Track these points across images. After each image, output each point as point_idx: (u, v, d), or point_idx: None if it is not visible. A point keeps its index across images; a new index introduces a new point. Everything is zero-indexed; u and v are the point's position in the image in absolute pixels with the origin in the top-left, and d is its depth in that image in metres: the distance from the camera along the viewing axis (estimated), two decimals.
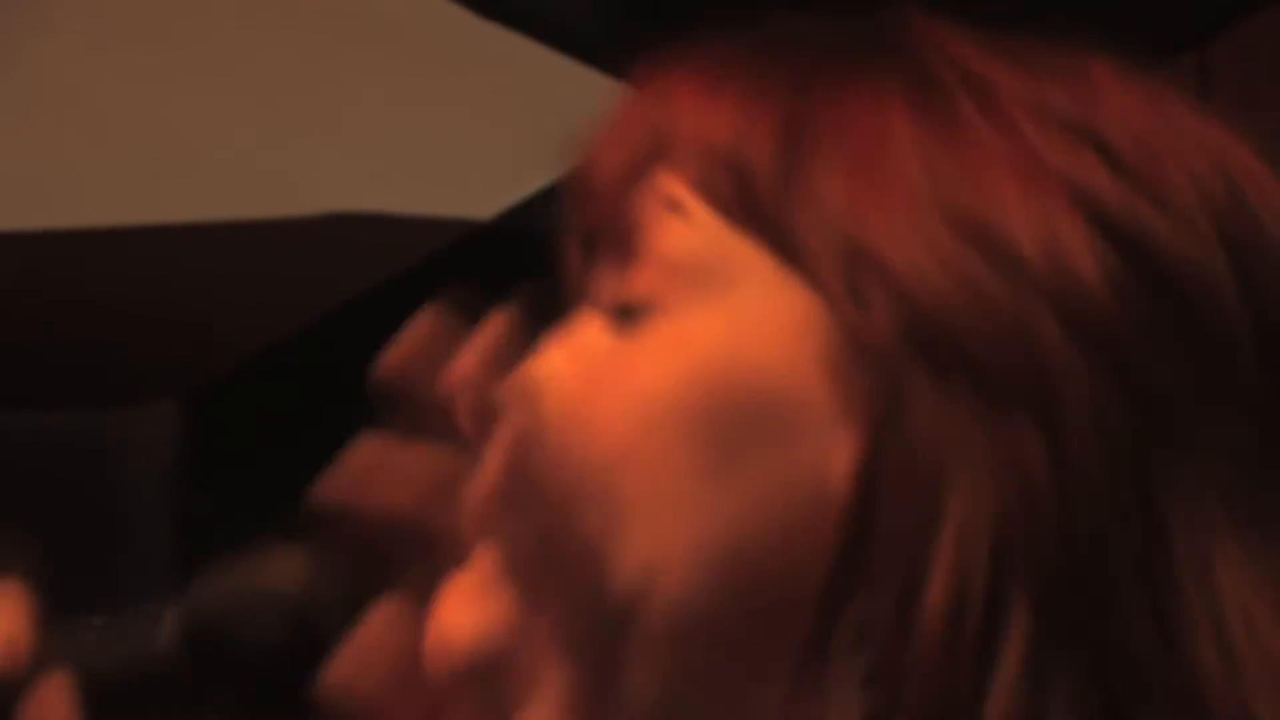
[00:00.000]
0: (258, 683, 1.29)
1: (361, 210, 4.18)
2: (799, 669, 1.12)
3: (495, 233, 4.22)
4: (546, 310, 1.26)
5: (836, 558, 1.12)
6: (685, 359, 1.17)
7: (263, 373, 4.52)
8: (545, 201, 4.02)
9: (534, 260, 3.13)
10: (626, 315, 1.18)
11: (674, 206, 1.21)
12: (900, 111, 1.19)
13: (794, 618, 1.12)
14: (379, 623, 1.26)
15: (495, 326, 1.25)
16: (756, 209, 1.18)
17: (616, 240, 1.22)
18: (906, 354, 1.14)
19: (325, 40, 3.90)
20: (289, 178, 4.13)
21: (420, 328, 1.26)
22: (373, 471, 1.31)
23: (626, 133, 1.24)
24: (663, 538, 1.15)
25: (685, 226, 1.20)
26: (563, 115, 3.32)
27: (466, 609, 1.19)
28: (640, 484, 1.17)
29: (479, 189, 4.17)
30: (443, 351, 1.28)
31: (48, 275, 4.28)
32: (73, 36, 3.94)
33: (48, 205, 4.14)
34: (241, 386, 4.54)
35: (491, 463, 1.18)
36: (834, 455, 1.13)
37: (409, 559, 1.27)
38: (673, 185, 1.20)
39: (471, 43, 3.86)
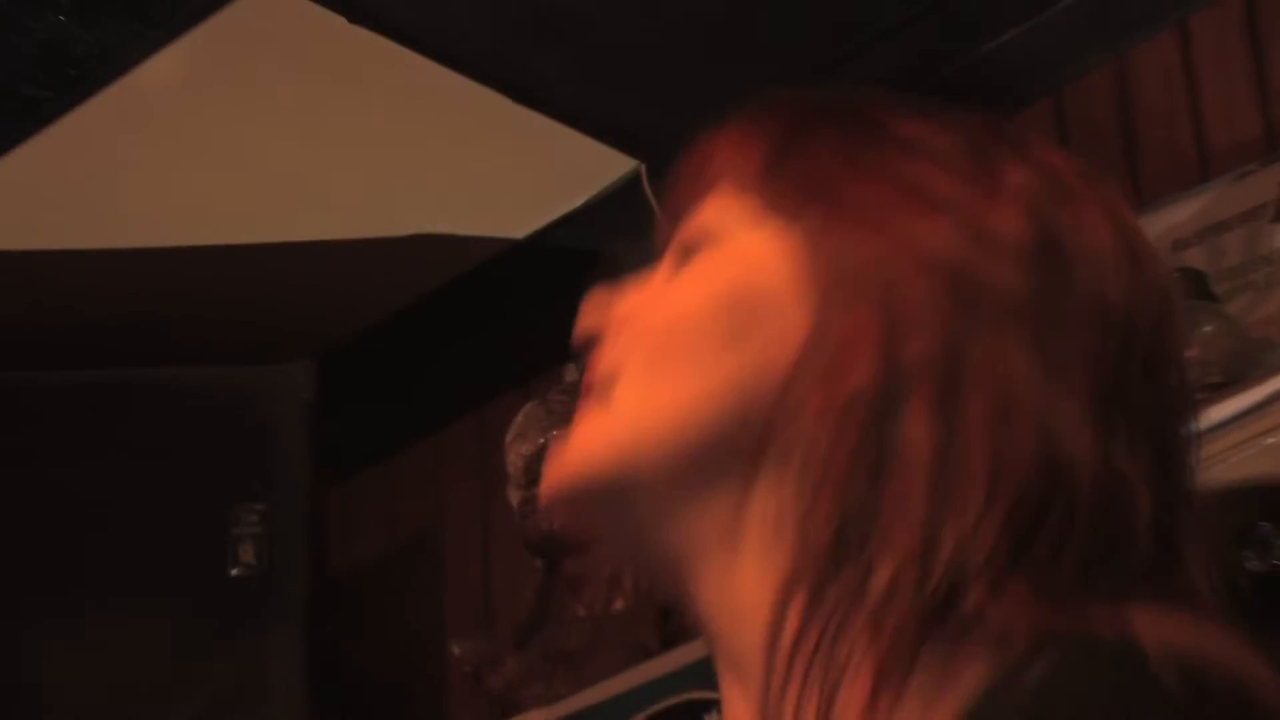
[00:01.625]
0: None
1: (435, 232, 4.42)
2: (761, 462, 1.43)
3: (528, 247, 4.51)
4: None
5: (790, 386, 1.42)
6: (723, 267, 1.51)
7: (375, 343, 4.74)
8: (564, 225, 4.42)
9: (558, 268, 3.78)
10: (687, 252, 1.54)
11: (716, 191, 1.54)
12: (845, 143, 1.52)
13: (771, 424, 1.44)
14: None
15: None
16: (765, 188, 1.51)
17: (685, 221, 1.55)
18: (846, 271, 1.45)
19: (407, 112, 4.14)
20: (389, 211, 4.40)
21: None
22: None
23: (693, 168, 1.60)
24: (695, 366, 1.47)
25: (730, 199, 1.53)
26: (572, 163, 3.92)
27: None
28: (692, 333, 1.49)
29: (514, 215, 4.46)
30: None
31: (227, 269, 4.48)
32: (267, 112, 4.12)
33: (248, 225, 4.39)
34: (362, 352, 4.71)
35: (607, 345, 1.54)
36: (793, 323, 1.45)
37: None
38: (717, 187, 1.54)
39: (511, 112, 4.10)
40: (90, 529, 4.18)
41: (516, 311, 4.55)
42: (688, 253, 1.52)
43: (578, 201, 4.39)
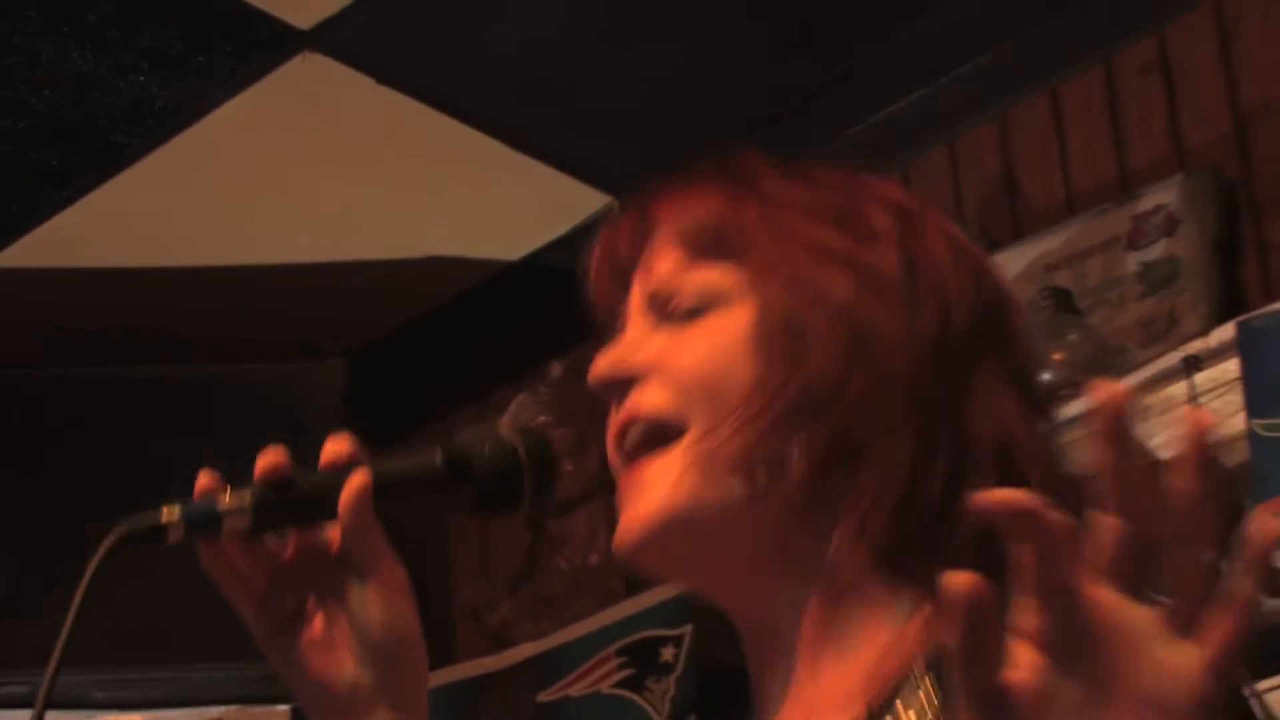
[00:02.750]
0: (484, 488, 1.49)
1: (445, 254, 4.48)
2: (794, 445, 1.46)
3: (521, 267, 4.54)
4: None
5: (779, 384, 1.47)
6: (732, 333, 1.50)
7: (396, 345, 4.75)
8: (550, 249, 4.45)
9: (545, 285, 3.86)
10: (690, 314, 1.52)
11: (693, 259, 1.54)
12: (767, 219, 1.54)
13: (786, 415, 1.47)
14: None
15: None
16: (732, 255, 1.53)
17: (647, 286, 1.55)
18: (814, 324, 1.48)
19: (423, 155, 4.19)
20: (408, 236, 4.45)
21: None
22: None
23: (635, 225, 1.59)
24: (738, 395, 1.47)
25: (704, 270, 1.53)
26: (557, 199, 4.03)
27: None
28: (728, 377, 1.49)
29: (509, 241, 4.51)
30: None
31: (275, 284, 4.52)
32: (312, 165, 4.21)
33: (293, 247, 4.45)
34: (386, 352, 4.72)
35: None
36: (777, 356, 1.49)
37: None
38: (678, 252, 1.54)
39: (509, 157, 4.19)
40: (165, 496, 4.14)
41: (511, 320, 4.58)
42: (684, 313, 1.52)
43: (562, 230, 4.42)
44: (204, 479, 1.42)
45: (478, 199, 4.36)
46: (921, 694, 1.36)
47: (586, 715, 3.92)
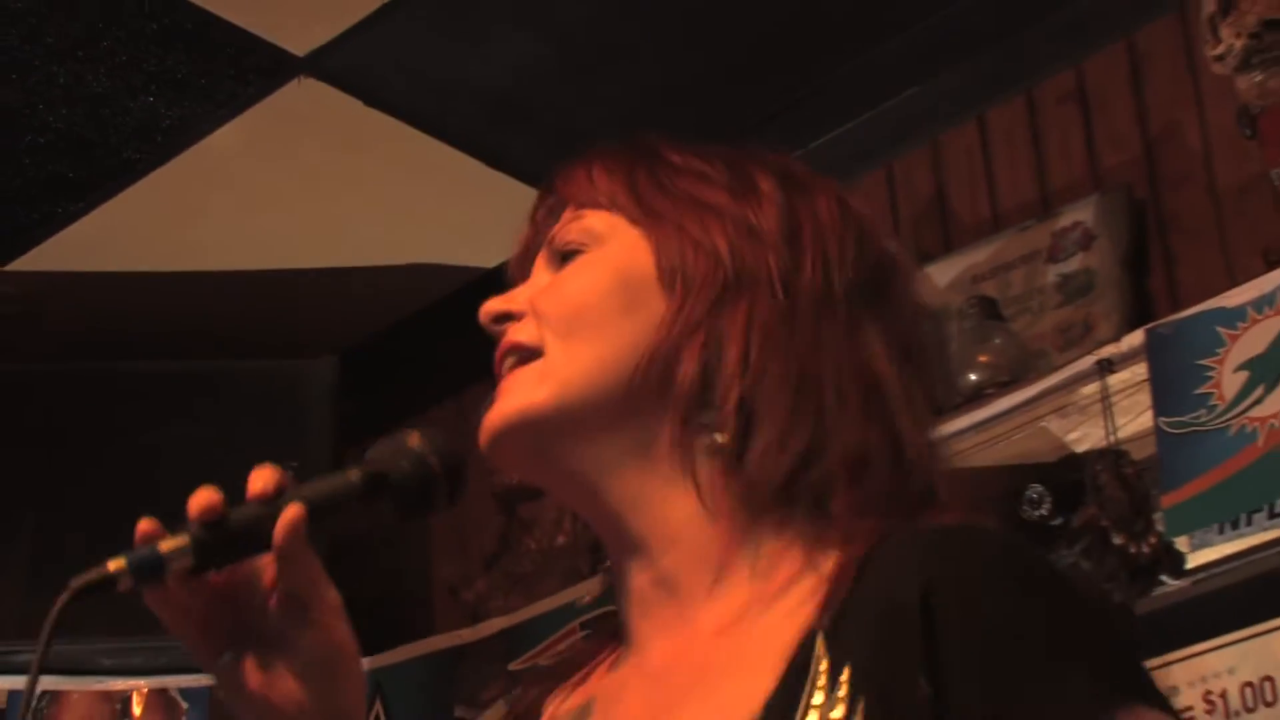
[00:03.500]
0: (403, 499, 1.46)
1: (427, 261, 4.47)
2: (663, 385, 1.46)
3: (496, 274, 4.74)
4: None
5: (665, 336, 1.47)
6: (606, 263, 1.51)
7: (383, 344, 4.72)
8: None
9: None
10: (567, 255, 1.53)
11: (586, 208, 1.55)
12: (659, 177, 1.54)
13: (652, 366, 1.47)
14: None
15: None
16: (621, 209, 1.53)
17: (548, 246, 1.56)
18: (673, 263, 1.50)
19: (408, 172, 4.16)
20: (395, 245, 4.44)
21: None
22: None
23: (546, 202, 1.62)
24: (596, 343, 1.48)
25: (590, 216, 1.54)
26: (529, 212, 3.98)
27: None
28: (590, 318, 1.49)
29: (485, 250, 4.22)
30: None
31: (272, 287, 4.51)
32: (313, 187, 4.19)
33: (288, 254, 4.42)
34: (373, 351, 4.69)
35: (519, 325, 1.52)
36: (656, 287, 1.50)
37: None
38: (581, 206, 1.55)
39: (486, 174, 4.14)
40: (172, 480, 4.05)
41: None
42: (568, 253, 1.53)
43: None
44: (144, 525, 1.38)
45: (456, 212, 4.35)
46: (823, 683, 1.33)
47: None
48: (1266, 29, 3.23)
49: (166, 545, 1.37)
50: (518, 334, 1.52)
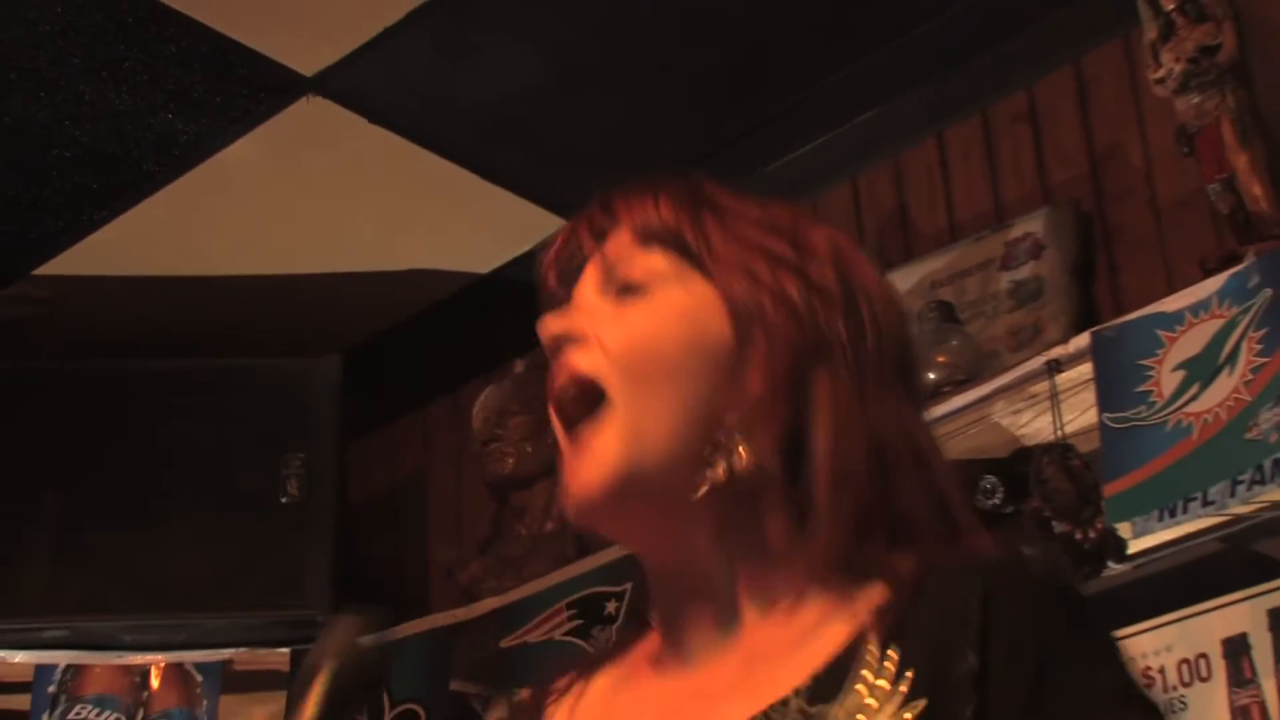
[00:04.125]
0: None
1: (426, 267, 4.44)
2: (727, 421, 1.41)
3: (489, 279, 4.50)
4: None
5: (732, 373, 1.42)
6: (671, 307, 1.45)
7: (384, 343, 4.69)
8: (514, 264, 4.41)
9: (510, 295, 3.82)
10: (632, 291, 1.46)
11: (653, 244, 1.47)
12: (722, 222, 1.48)
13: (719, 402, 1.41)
14: None
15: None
16: (685, 249, 1.46)
17: (602, 264, 1.49)
18: (754, 316, 1.43)
19: (408, 184, 4.14)
20: (395, 252, 4.41)
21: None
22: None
23: (598, 218, 1.53)
24: (671, 398, 1.42)
25: (656, 254, 1.46)
26: (521, 221, 4.00)
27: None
28: (662, 367, 1.43)
29: (480, 257, 4.46)
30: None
31: (280, 291, 4.47)
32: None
33: (295, 260, 4.38)
34: (375, 350, 4.66)
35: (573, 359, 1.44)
36: (728, 342, 1.43)
37: None
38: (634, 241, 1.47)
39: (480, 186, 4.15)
40: (186, 469, 4.16)
41: (481, 323, 4.54)
42: (630, 287, 1.46)
43: (524, 248, 4.36)
44: None
45: (453, 221, 4.34)
46: (872, 660, 1.33)
47: (541, 659, 3.85)
48: (1203, 54, 3.24)
49: None
50: (579, 362, 1.45)
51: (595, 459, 1.41)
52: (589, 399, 1.44)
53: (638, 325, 1.44)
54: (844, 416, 1.41)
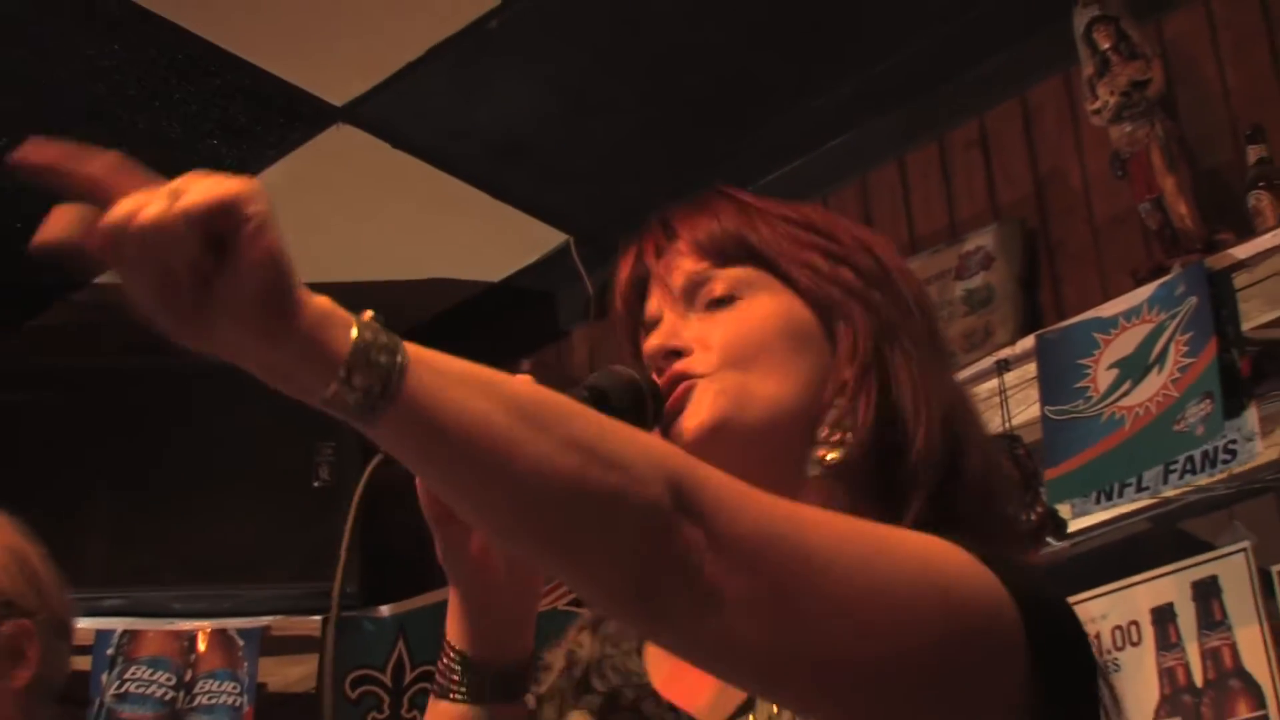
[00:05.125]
0: (619, 413, 1.29)
1: (443, 276, 4.43)
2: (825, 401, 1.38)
3: (500, 287, 4.49)
4: None
5: (828, 366, 1.39)
6: (764, 309, 1.42)
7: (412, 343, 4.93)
8: (522, 273, 4.41)
9: (518, 301, 3.85)
10: (720, 302, 1.42)
11: (721, 261, 1.43)
12: (786, 231, 1.44)
13: (817, 395, 1.37)
14: None
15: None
16: (755, 256, 1.43)
17: (677, 282, 1.44)
18: (832, 307, 1.40)
19: (426, 202, 4.12)
20: (416, 263, 4.39)
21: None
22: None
23: (660, 237, 1.47)
24: (777, 377, 1.39)
25: (734, 269, 1.43)
26: (528, 235, 4.00)
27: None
28: (770, 349, 1.40)
29: (492, 267, 4.46)
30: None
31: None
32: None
33: (326, 270, 4.64)
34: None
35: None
36: (818, 332, 1.41)
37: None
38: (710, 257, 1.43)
39: (491, 204, 4.16)
40: (230, 457, 4.15)
41: (492, 326, 4.52)
42: (719, 300, 1.42)
43: (531, 259, 4.40)
44: None
45: (467, 235, 4.32)
46: None
47: (546, 625, 3.87)
48: (1135, 88, 3.27)
49: None
50: (692, 365, 1.40)
51: (708, 403, 1.38)
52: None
53: (737, 326, 1.41)
54: (922, 389, 1.38)
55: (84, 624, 4.02)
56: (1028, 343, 3.26)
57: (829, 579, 1.10)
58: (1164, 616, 3.11)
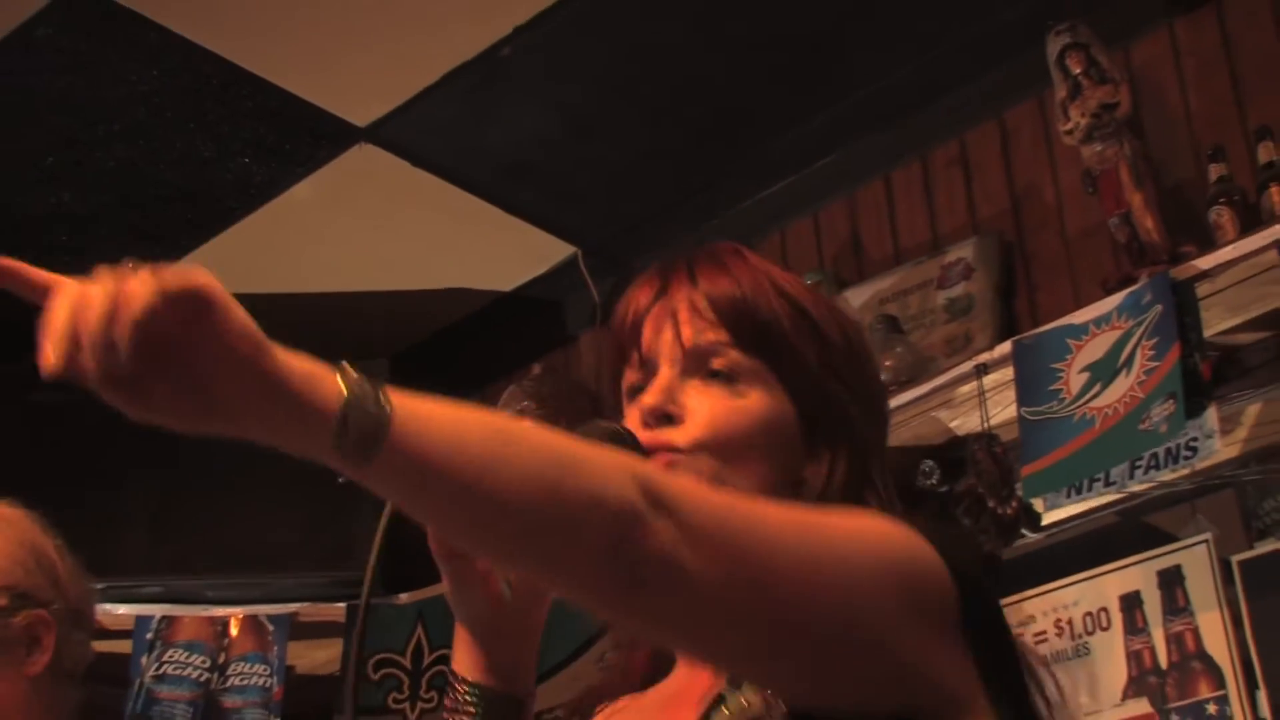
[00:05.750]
0: None
1: (459, 285, 4.39)
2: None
3: (512, 296, 4.46)
4: None
5: (799, 459, 1.39)
6: (760, 409, 1.40)
7: (424, 350, 4.61)
8: (533, 283, 4.38)
9: (529, 308, 3.82)
10: (719, 376, 1.40)
11: (730, 335, 1.40)
12: (786, 318, 1.42)
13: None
14: None
15: None
16: (758, 339, 1.41)
17: (684, 341, 1.41)
18: (817, 419, 1.40)
19: (444, 217, 4.09)
20: (434, 273, 4.35)
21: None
22: None
23: (661, 281, 1.45)
24: (751, 474, 1.37)
25: (746, 357, 1.40)
26: (538, 248, 3.98)
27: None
28: (752, 445, 1.38)
29: (504, 277, 4.42)
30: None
31: (337, 304, 4.41)
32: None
33: (350, 280, 4.32)
34: (417, 355, 4.59)
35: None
36: (796, 432, 1.40)
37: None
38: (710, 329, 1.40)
39: (503, 218, 4.14)
40: (261, 453, 4.08)
41: (504, 332, 4.51)
42: (717, 373, 1.40)
43: (541, 270, 4.38)
44: None
45: (480, 247, 4.30)
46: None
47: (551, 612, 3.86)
48: (1104, 110, 3.27)
49: None
50: (675, 440, 1.37)
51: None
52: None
53: (729, 415, 1.39)
54: (857, 470, 1.40)
55: (124, 610, 4.04)
56: (1005, 348, 3.25)
57: (783, 551, 1.13)
58: (1131, 603, 3.11)
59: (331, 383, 1.02)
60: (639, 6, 3.47)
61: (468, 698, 1.34)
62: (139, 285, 0.94)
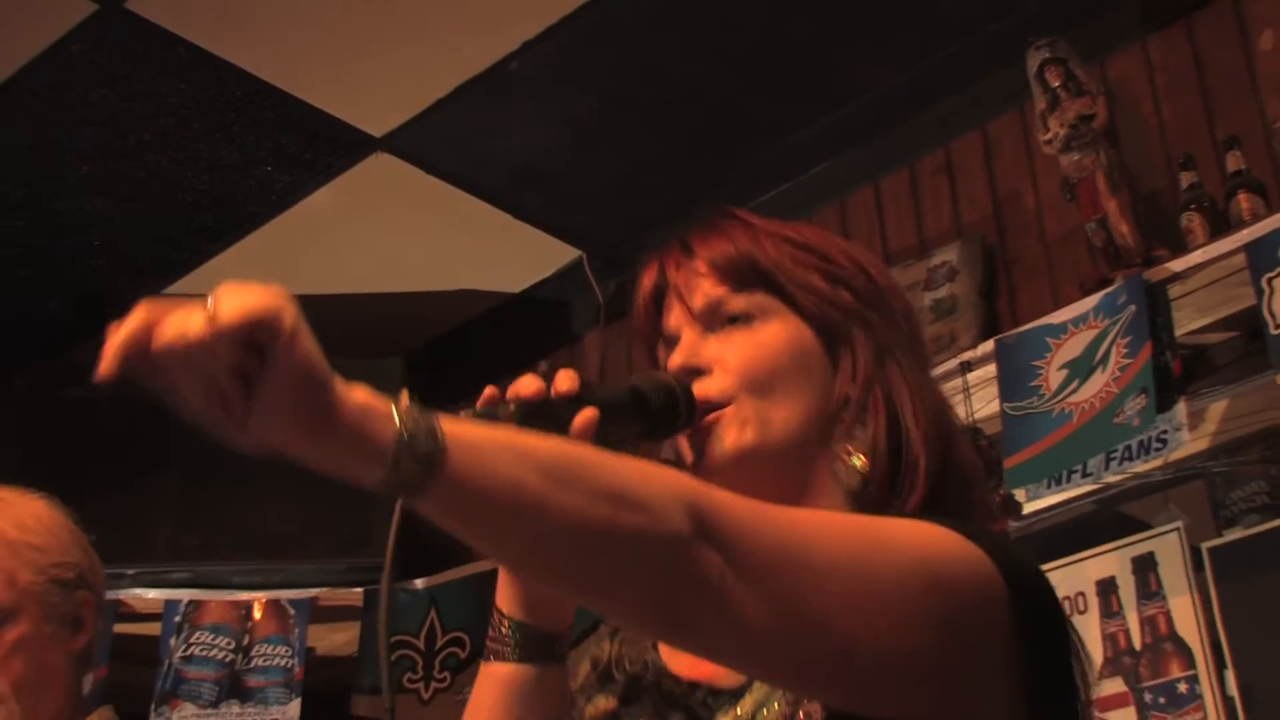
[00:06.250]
0: (654, 415, 1.31)
1: (470, 287, 4.38)
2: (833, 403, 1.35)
3: (521, 297, 4.46)
4: None
5: (831, 383, 1.36)
6: (775, 336, 1.38)
7: (437, 348, 4.60)
8: (540, 285, 4.37)
9: (536, 309, 3.80)
10: (736, 320, 1.39)
11: (736, 282, 1.39)
12: (790, 253, 1.39)
13: (824, 398, 1.36)
14: None
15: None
16: (765, 279, 1.39)
17: (697, 303, 1.39)
18: (834, 329, 1.37)
19: (456, 222, 4.07)
20: (446, 275, 4.34)
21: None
22: None
23: (679, 255, 1.43)
24: (790, 401, 1.36)
25: (749, 293, 1.39)
26: (544, 251, 3.96)
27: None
28: (782, 374, 1.37)
29: (513, 279, 4.42)
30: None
31: (355, 306, 4.40)
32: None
33: (366, 282, 4.29)
34: (430, 353, 4.57)
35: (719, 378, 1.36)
36: (820, 352, 1.38)
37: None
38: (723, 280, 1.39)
39: (512, 223, 4.13)
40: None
41: (513, 332, 4.50)
42: (735, 317, 1.39)
43: (548, 272, 4.38)
44: (488, 391, 1.24)
45: (490, 251, 4.30)
46: None
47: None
48: (1082, 121, 3.27)
49: (503, 411, 1.25)
50: (709, 389, 1.37)
51: (733, 434, 1.35)
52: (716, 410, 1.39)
53: (754, 351, 1.38)
54: (916, 395, 1.36)
55: (153, 594, 4.04)
56: (988, 346, 3.25)
57: (832, 583, 1.11)
58: (1107, 588, 3.10)
59: (387, 418, 1.00)
60: (641, 23, 3.47)
61: (506, 631, 1.34)
62: (228, 306, 0.95)
